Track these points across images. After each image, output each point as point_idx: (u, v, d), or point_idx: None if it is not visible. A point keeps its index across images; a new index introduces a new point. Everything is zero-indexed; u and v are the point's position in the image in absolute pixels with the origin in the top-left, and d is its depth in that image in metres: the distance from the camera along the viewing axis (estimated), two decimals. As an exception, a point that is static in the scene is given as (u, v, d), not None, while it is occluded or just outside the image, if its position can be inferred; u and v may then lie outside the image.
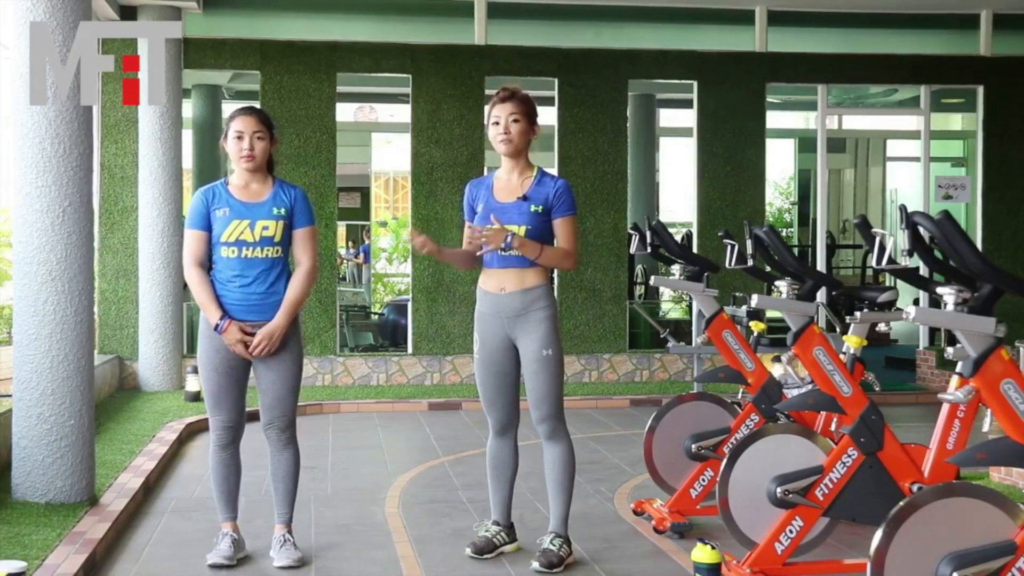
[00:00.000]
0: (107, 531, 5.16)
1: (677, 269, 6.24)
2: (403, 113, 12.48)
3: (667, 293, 13.99)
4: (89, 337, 5.76)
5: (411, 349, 11.29)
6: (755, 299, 4.93)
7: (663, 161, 15.14)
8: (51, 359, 5.59)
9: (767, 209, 13.04)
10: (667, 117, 14.89)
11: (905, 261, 4.02)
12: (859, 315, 4.92)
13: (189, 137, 12.23)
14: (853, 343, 4.91)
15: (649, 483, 5.91)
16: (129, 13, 10.37)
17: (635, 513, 5.70)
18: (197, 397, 9.20)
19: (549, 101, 11.41)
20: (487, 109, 4.92)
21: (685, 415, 5.68)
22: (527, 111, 4.84)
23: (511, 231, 4.72)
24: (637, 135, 13.53)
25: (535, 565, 4.75)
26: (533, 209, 4.79)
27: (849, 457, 4.33)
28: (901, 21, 12.18)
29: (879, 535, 3.51)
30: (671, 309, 14.14)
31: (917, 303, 4.36)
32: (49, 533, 5.03)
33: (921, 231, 3.84)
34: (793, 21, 11.99)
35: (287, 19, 11.47)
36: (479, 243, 4.75)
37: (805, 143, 14.65)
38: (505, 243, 4.70)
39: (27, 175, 5.60)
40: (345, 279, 15.93)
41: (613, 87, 11.53)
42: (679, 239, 6.70)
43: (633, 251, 6.83)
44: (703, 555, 4.26)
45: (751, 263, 5.49)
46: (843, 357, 4.77)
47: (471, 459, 7.45)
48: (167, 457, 7.21)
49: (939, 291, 3.81)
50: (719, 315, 5.79)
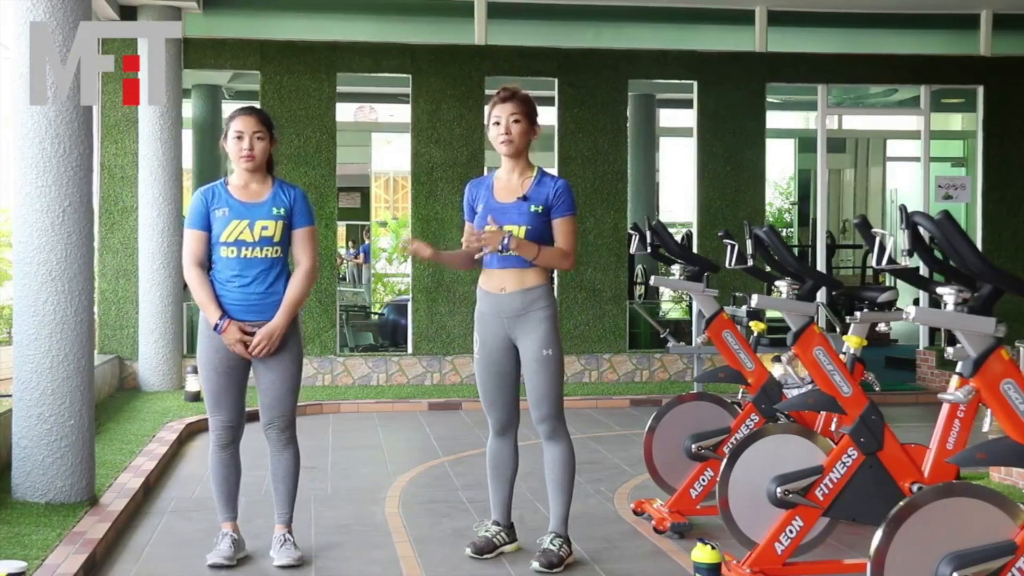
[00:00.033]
0: (107, 531, 5.16)
1: (677, 269, 6.24)
2: (403, 113, 12.48)
3: (667, 293, 13.99)
4: (89, 337, 5.76)
5: (411, 349, 11.29)
6: (755, 299, 4.93)
7: (663, 161, 15.14)
8: (51, 359, 5.59)
9: (767, 209, 13.04)
10: (667, 117, 14.89)
11: (905, 261, 4.02)
12: (859, 315, 4.92)
13: (189, 137, 12.23)
14: (853, 343, 4.91)
15: (649, 483, 5.91)
16: (129, 13, 10.37)
17: (635, 513, 5.70)
18: (197, 397, 9.20)
19: (549, 101, 11.41)
20: (487, 109, 4.92)
21: (685, 415, 5.68)
22: (528, 111, 4.84)
23: (508, 232, 4.73)
24: (637, 135, 13.53)
25: (535, 565, 4.75)
26: (533, 209, 4.79)
27: (849, 457, 4.33)
28: (901, 21, 12.18)
29: (879, 535, 3.51)
30: (671, 309, 14.14)
31: (917, 303, 4.36)
32: (49, 533, 5.03)
33: (921, 231, 3.84)
34: (793, 21, 11.99)
35: (287, 19, 11.47)
36: (478, 246, 4.76)
37: (805, 143, 14.65)
38: (502, 244, 4.70)
39: (27, 175, 5.60)
40: (345, 279, 15.93)
41: (613, 87, 11.53)
42: (679, 239, 6.70)
43: (633, 251, 6.83)
44: (703, 555, 4.26)
45: (751, 263, 5.49)
46: (843, 357, 4.77)
47: (471, 459, 7.45)
48: (167, 457, 7.21)
49: (939, 291, 3.80)
50: (719, 315, 5.79)
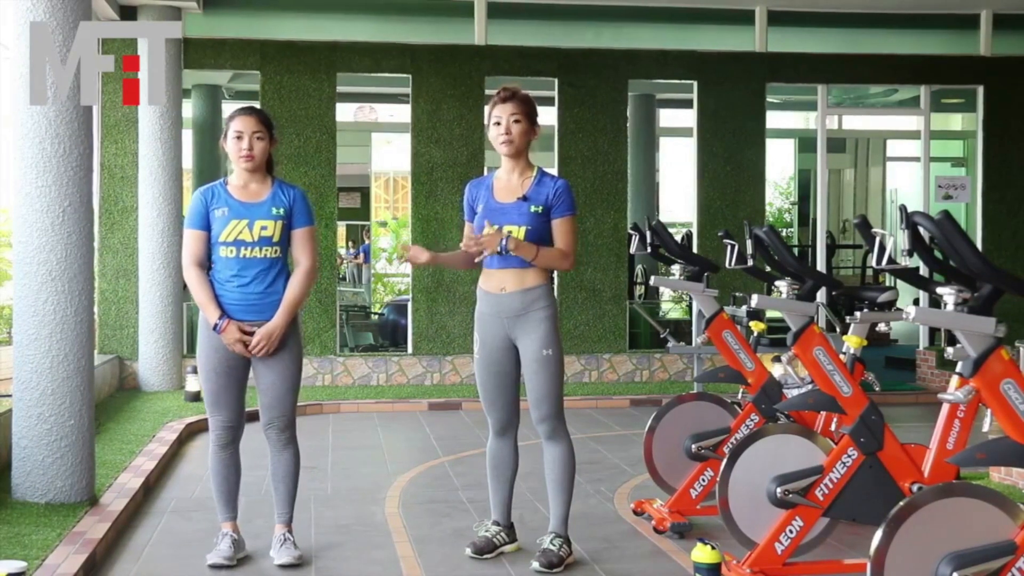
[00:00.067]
0: (107, 531, 5.16)
1: (677, 269, 6.24)
2: (403, 113, 12.48)
3: (667, 293, 13.99)
4: (89, 337, 5.76)
5: (411, 349, 11.29)
6: (755, 299, 4.93)
7: (663, 161, 15.14)
8: (51, 359, 5.59)
9: (767, 209, 13.04)
10: (667, 117, 14.89)
11: (905, 261, 4.02)
12: (859, 315, 4.92)
13: (189, 137, 12.23)
14: (853, 343, 4.91)
15: (649, 483, 5.91)
16: (129, 13, 10.37)
17: (635, 513, 5.70)
18: (197, 397, 9.20)
19: (549, 101, 11.41)
20: (487, 109, 4.92)
21: (685, 415, 5.68)
22: (528, 111, 4.84)
23: (506, 234, 4.73)
24: (637, 135, 13.53)
25: (535, 565, 4.75)
26: (533, 209, 4.79)
27: (849, 457, 4.33)
28: (901, 21, 12.18)
29: (879, 535, 3.51)
30: (671, 309, 14.14)
31: (917, 303, 4.36)
32: (49, 533, 5.03)
33: (921, 231, 3.84)
34: (793, 21, 11.99)
35: (287, 19, 11.47)
36: (477, 250, 4.75)
37: (805, 143, 14.65)
38: (501, 246, 4.70)
39: (27, 175, 5.60)
40: (345, 279, 15.92)
41: (613, 87, 11.53)
42: (679, 239, 6.70)
43: (633, 251, 6.83)
44: (703, 555, 4.26)
45: (751, 263, 5.49)
46: (843, 357, 4.77)
47: (471, 459, 7.45)
48: (167, 457, 7.21)
49: (939, 291, 3.80)
50: (719, 315, 5.79)
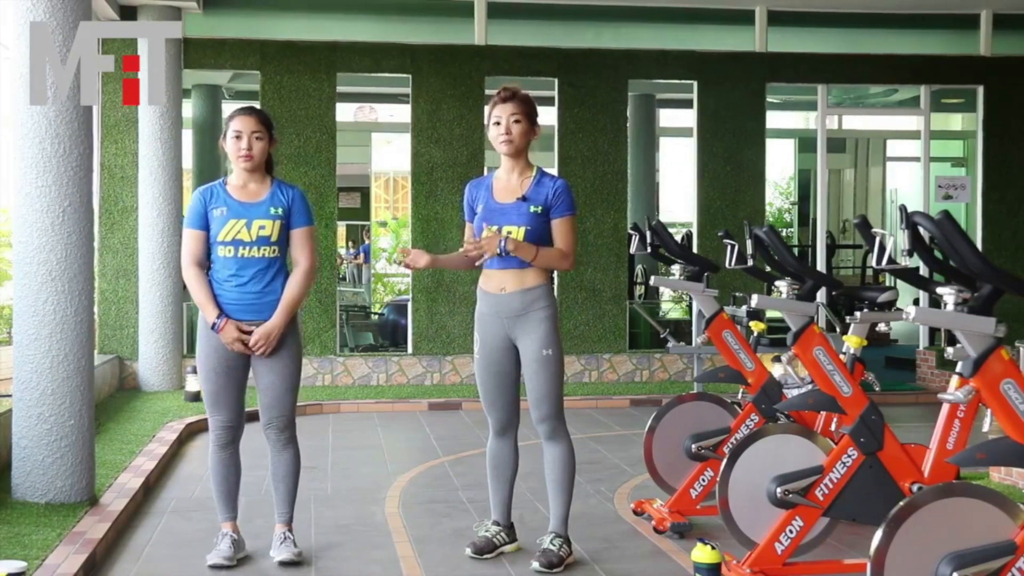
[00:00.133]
0: (107, 531, 5.16)
1: (677, 269, 6.23)
2: (403, 113, 12.48)
3: (667, 293, 13.99)
4: (89, 337, 5.76)
5: (411, 349, 11.29)
6: (755, 299, 4.93)
7: (663, 161, 15.14)
8: (51, 359, 5.59)
9: (767, 209, 13.04)
10: (667, 117, 14.89)
11: (905, 261, 4.01)
12: (859, 315, 4.92)
13: (189, 137, 12.23)
14: (853, 343, 4.91)
15: (649, 483, 5.91)
16: (129, 13, 10.37)
17: (635, 513, 5.70)
18: (197, 397, 9.19)
19: (549, 101, 11.41)
20: (487, 109, 4.92)
21: (685, 415, 5.68)
22: (528, 111, 4.84)
23: (505, 235, 4.73)
24: (637, 135, 13.53)
25: (535, 565, 4.75)
26: (532, 210, 4.79)
27: (849, 457, 4.33)
28: (901, 21, 12.18)
29: (879, 535, 3.51)
30: (671, 309, 14.14)
31: (917, 303, 4.36)
32: (49, 533, 5.03)
33: (921, 231, 3.84)
34: (793, 21, 11.99)
35: (287, 19, 11.47)
36: (477, 253, 4.75)
37: (805, 143, 14.65)
38: (500, 248, 4.70)
39: (27, 175, 5.60)
40: (345, 279, 15.92)
41: (613, 87, 11.53)
42: (679, 239, 6.70)
43: (633, 251, 6.83)
44: (703, 555, 4.26)
45: (751, 263, 5.49)
46: (843, 357, 4.77)
47: (471, 459, 7.45)
48: (167, 457, 7.21)
49: (939, 291, 3.80)
50: (719, 315, 5.79)
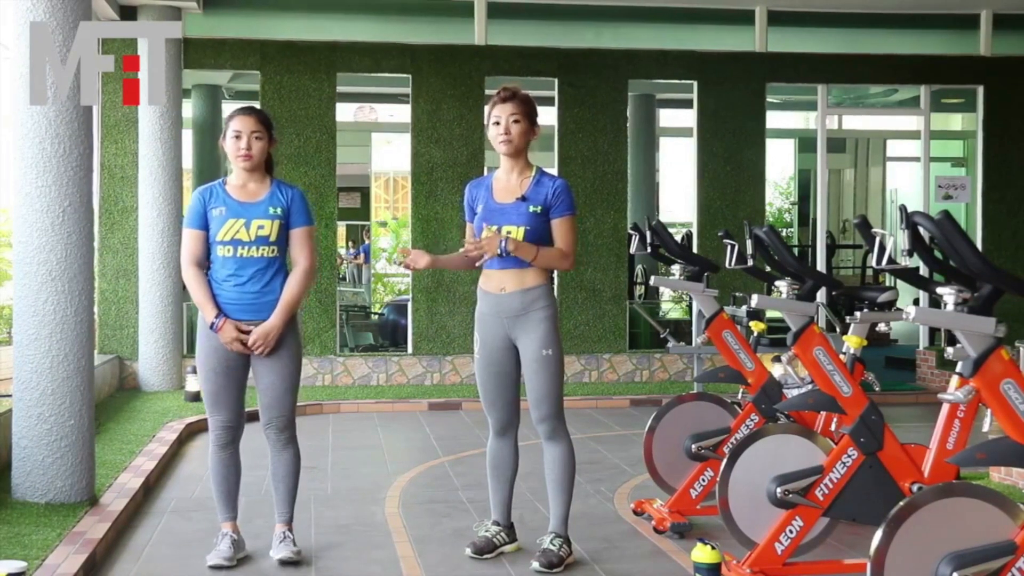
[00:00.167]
0: (107, 531, 5.16)
1: (677, 269, 6.23)
2: (403, 113, 12.48)
3: (667, 293, 13.99)
4: (89, 337, 5.76)
5: (411, 349, 11.29)
6: (755, 299, 4.93)
7: (663, 161, 15.14)
8: (51, 359, 5.59)
9: (767, 209, 13.04)
10: (667, 117, 14.89)
11: (905, 261, 4.01)
12: (859, 315, 4.92)
13: (189, 137, 12.23)
14: (853, 343, 4.91)
15: (649, 483, 5.91)
16: (129, 13, 10.37)
17: (635, 513, 5.70)
18: (197, 397, 9.18)
19: (549, 101, 11.41)
20: (487, 109, 4.91)
21: (685, 415, 5.68)
22: (527, 111, 4.84)
23: (505, 236, 4.72)
24: (637, 135, 13.53)
25: (535, 565, 4.75)
26: (532, 210, 4.79)
27: (849, 457, 4.33)
28: (901, 21, 12.18)
29: (879, 535, 3.51)
30: (671, 309, 14.14)
31: (917, 303, 4.35)
32: (49, 533, 5.03)
33: (921, 231, 3.84)
34: (793, 21, 11.99)
35: (287, 19, 11.47)
36: (477, 253, 4.75)
37: (805, 143, 14.65)
38: (500, 248, 4.70)
39: (27, 175, 5.60)
40: (345, 279, 15.92)
41: (613, 87, 11.53)
42: (679, 239, 6.70)
43: (633, 251, 6.83)
44: (703, 555, 4.26)
45: (751, 263, 5.49)
46: (843, 357, 4.77)
47: (471, 459, 7.45)
48: (167, 457, 7.21)
49: (939, 291, 3.80)
50: (719, 315, 5.79)
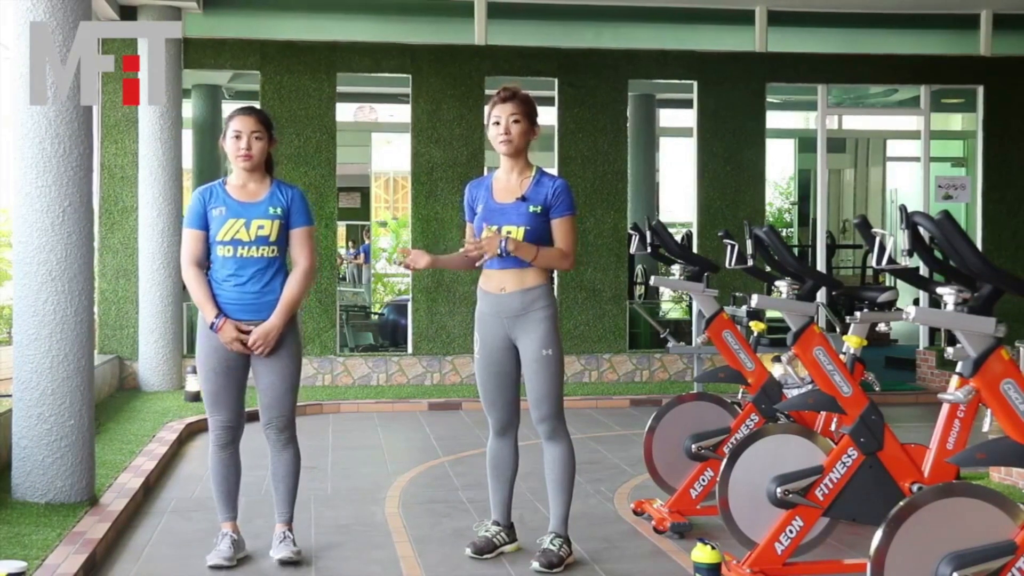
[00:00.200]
0: (107, 531, 5.16)
1: (677, 269, 6.23)
2: (403, 113, 12.48)
3: (667, 293, 13.99)
4: (89, 337, 5.76)
5: (411, 349, 11.29)
6: (755, 299, 4.93)
7: (663, 161, 15.14)
8: (51, 359, 5.59)
9: (767, 209, 13.04)
10: (667, 117, 14.89)
11: (905, 261, 4.01)
12: (859, 315, 4.92)
13: (189, 137, 12.23)
14: (853, 343, 4.91)
15: (649, 483, 5.91)
16: (129, 13, 10.37)
17: (635, 513, 5.70)
18: (197, 397, 9.18)
19: (549, 101, 11.41)
20: (487, 109, 4.91)
21: (685, 415, 5.68)
22: (527, 111, 4.83)
23: (504, 236, 4.72)
24: (637, 135, 13.53)
25: (535, 565, 4.75)
26: (532, 210, 4.79)
27: (849, 457, 4.33)
28: (901, 21, 12.18)
29: (879, 535, 3.51)
30: (671, 309, 14.14)
31: (917, 303, 4.36)
32: (49, 533, 5.03)
33: (921, 231, 3.84)
34: (793, 21, 11.99)
35: (287, 19, 11.47)
36: (477, 254, 4.75)
37: (805, 143, 14.65)
38: (501, 248, 4.70)
39: (27, 175, 5.60)
40: (345, 279, 15.92)
41: (613, 87, 11.53)
42: (679, 239, 6.70)
43: (633, 251, 6.83)
44: (703, 555, 4.26)
45: (751, 263, 5.49)
46: (843, 357, 4.77)
47: (471, 459, 7.45)
48: (167, 457, 7.21)
49: (939, 291, 3.80)
50: (719, 315, 5.79)
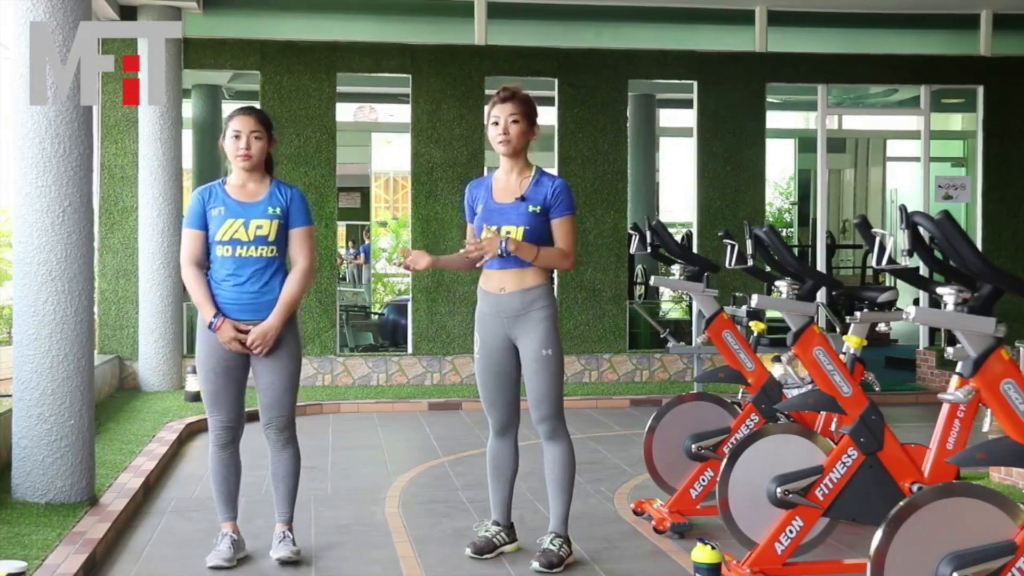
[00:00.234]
0: (107, 531, 5.16)
1: (677, 269, 6.23)
2: (403, 113, 12.48)
3: (667, 293, 13.99)
4: (89, 337, 5.75)
5: (411, 349, 11.29)
6: (755, 299, 4.93)
7: (663, 161, 15.14)
8: (51, 359, 5.59)
9: (767, 209, 13.04)
10: (667, 117, 14.89)
11: (905, 261, 4.02)
12: (859, 315, 4.92)
13: (189, 137, 12.23)
14: (853, 343, 4.91)
15: (649, 483, 5.91)
16: (129, 13, 10.37)
17: (635, 513, 5.70)
18: (197, 397, 9.17)
19: (549, 101, 11.41)
20: (487, 109, 4.91)
21: (685, 415, 5.68)
22: (527, 112, 4.83)
23: (504, 237, 4.72)
24: (637, 135, 13.53)
25: (535, 565, 4.75)
26: (531, 210, 4.78)
27: (849, 457, 4.33)
28: (901, 21, 12.18)
29: (879, 535, 3.51)
30: (671, 309, 14.14)
31: (917, 303, 4.36)
32: (49, 533, 5.03)
33: (921, 231, 3.84)
34: (793, 21, 11.99)
35: (287, 19, 11.47)
36: (478, 255, 4.75)
37: (805, 143, 14.65)
38: (501, 249, 4.70)
39: (27, 175, 5.60)
40: (345, 279, 15.93)
41: (613, 87, 11.53)
42: (679, 239, 6.70)
43: (633, 251, 6.83)
44: (703, 555, 4.26)
45: (751, 263, 5.49)
46: (843, 357, 4.77)
47: (471, 459, 7.45)
48: (167, 457, 7.21)
49: (939, 291, 3.80)
50: (719, 315, 5.79)
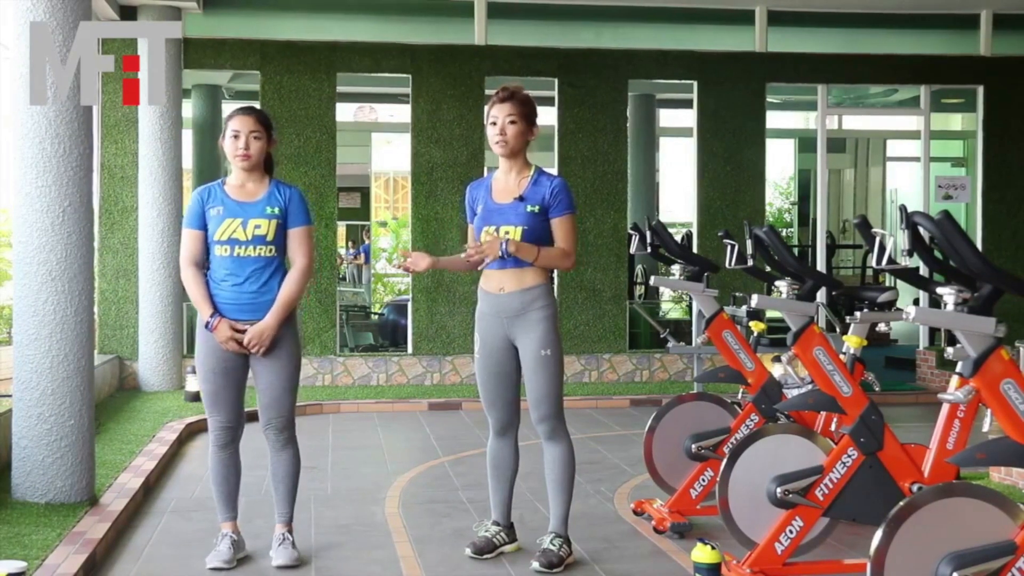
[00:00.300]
0: (107, 531, 5.16)
1: (677, 269, 6.23)
2: (403, 113, 12.48)
3: (667, 293, 13.99)
4: (89, 337, 5.76)
5: (411, 349, 11.29)
6: (755, 299, 4.93)
7: (663, 161, 15.14)
8: (51, 359, 5.59)
9: (767, 209, 13.04)
10: (667, 117, 14.89)
11: (905, 261, 4.02)
12: (859, 315, 4.92)
13: (189, 137, 12.23)
14: (853, 343, 4.91)
15: (649, 483, 5.91)
16: (129, 13, 10.37)
17: (635, 513, 5.70)
18: (197, 397, 9.13)
19: (549, 101, 11.41)
20: (486, 108, 4.91)
21: (685, 415, 5.68)
22: (526, 112, 4.82)
23: (504, 238, 4.72)
24: (637, 135, 13.53)
25: (535, 565, 4.75)
26: (530, 209, 4.78)
27: (849, 457, 4.33)
28: (901, 21, 12.18)
29: (879, 535, 3.51)
30: (671, 309, 14.14)
31: (917, 303, 4.36)
32: (49, 533, 5.03)
33: (921, 231, 3.84)
34: (793, 21, 11.99)
35: (287, 19, 11.47)
36: (479, 258, 4.75)
37: (805, 143, 14.65)
38: (502, 250, 4.70)
39: (27, 175, 5.60)
40: (345, 279, 15.93)
41: (613, 87, 11.53)
42: (679, 239, 6.70)
43: (633, 251, 6.83)
44: (703, 555, 4.26)
45: (751, 263, 5.49)
46: (843, 357, 4.77)
47: (471, 459, 7.45)
48: (167, 457, 7.21)
49: (939, 291, 3.80)
50: (719, 315, 5.79)
